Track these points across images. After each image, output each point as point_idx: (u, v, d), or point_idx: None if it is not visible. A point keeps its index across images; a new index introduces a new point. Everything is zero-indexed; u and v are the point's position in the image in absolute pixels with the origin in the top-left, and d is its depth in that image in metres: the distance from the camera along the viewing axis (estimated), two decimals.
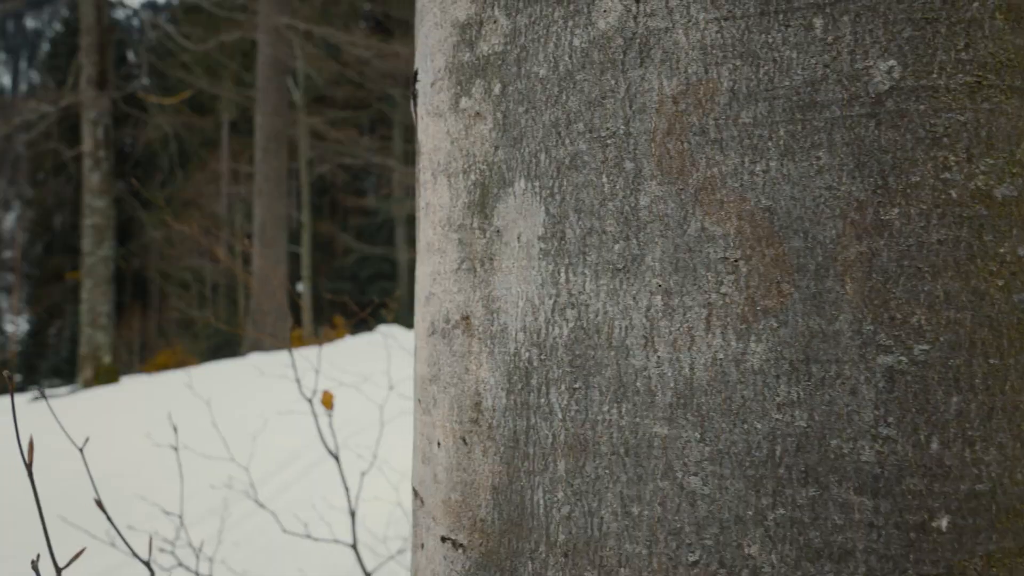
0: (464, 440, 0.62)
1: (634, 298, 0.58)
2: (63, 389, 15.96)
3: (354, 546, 1.95)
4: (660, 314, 0.58)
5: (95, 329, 11.34)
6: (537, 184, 0.61)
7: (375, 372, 5.15)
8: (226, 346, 24.53)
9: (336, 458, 2.00)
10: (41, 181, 27.89)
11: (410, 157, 27.65)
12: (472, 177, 0.64)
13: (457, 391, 0.66)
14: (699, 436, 0.56)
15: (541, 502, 0.59)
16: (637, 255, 0.58)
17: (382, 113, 25.67)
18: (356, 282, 30.08)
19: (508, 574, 0.59)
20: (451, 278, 0.67)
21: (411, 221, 29.55)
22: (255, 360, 12.29)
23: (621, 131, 0.60)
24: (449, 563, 0.65)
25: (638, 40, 0.59)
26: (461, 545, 0.62)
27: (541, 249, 0.61)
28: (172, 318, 29.28)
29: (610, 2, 0.60)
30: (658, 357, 0.58)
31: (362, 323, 23.72)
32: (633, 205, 0.59)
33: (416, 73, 0.75)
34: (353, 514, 2.00)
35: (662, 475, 0.57)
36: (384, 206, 27.56)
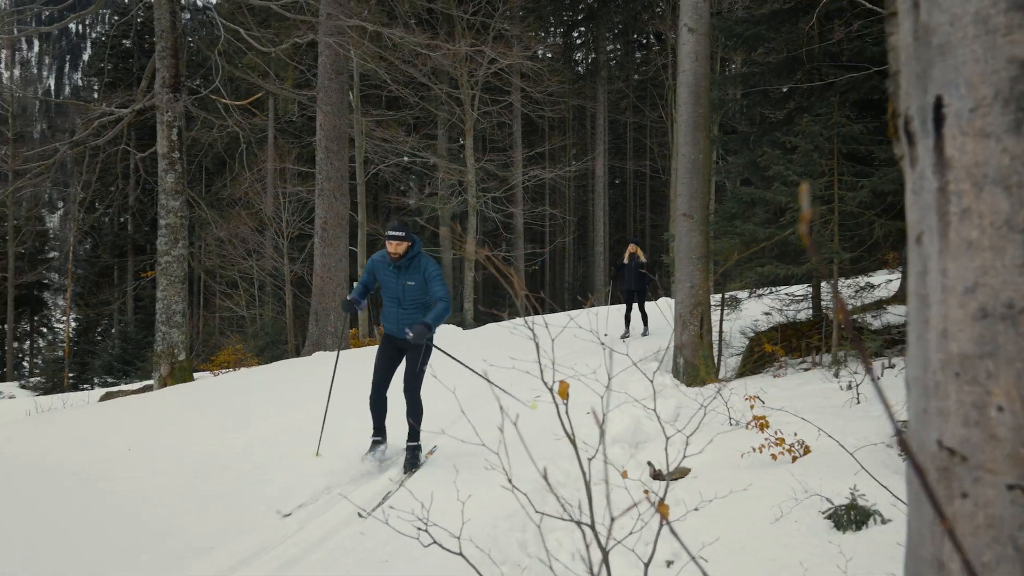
0: None
1: None
2: (134, 386, 16.40)
3: (592, 525, 2.09)
4: None
5: (170, 327, 11.65)
6: None
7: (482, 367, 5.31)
8: (273, 345, 24.99)
9: (574, 444, 2.15)
10: (89, 182, 28.49)
11: (454, 155, 27.90)
12: None
13: (1021, 364, 0.81)
14: None
15: None
16: None
17: (427, 112, 25.93)
18: None
19: None
20: (1015, 272, 0.82)
21: (457, 220, 29.75)
22: (321, 358, 12.58)
23: None
24: (1019, 507, 0.81)
25: None
26: None
27: None
28: (223, 317, 29.75)
29: None
30: None
31: None
32: None
33: (940, 99, 0.89)
34: (590, 496, 2.15)
35: None
36: (428, 204, 27.80)
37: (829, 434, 4.73)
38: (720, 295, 10.41)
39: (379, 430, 6.03)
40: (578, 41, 38.20)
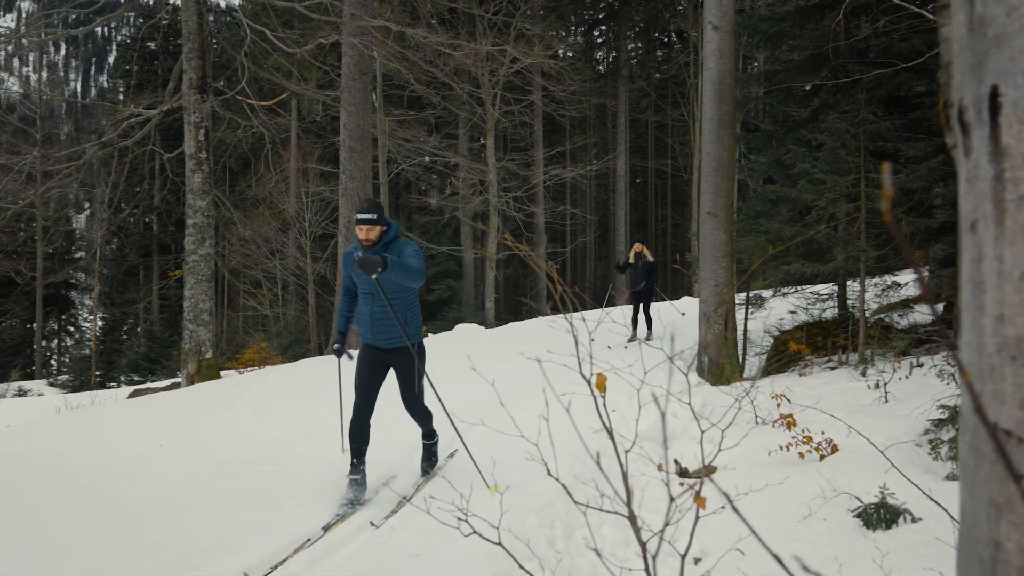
0: None
1: None
2: (162, 383, 16.63)
3: (631, 517, 2.11)
4: None
5: (197, 325, 11.80)
6: None
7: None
8: (296, 344, 25.21)
9: (611, 437, 2.17)
10: (117, 183, 28.88)
11: (475, 154, 27.97)
12: None
13: None
14: None
15: None
16: None
17: (448, 111, 26.03)
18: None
19: None
20: None
21: (477, 219, 29.81)
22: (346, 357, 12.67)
23: None
24: None
25: None
26: None
27: None
28: (247, 316, 30.03)
29: None
30: None
31: (427, 321, 24.07)
32: None
33: (995, 88, 0.91)
34: (628, 487, 2.17)
35: None
36: (450, 204, 27.89)
37: (859, 432, 4.71)
38: (744, 294, 10.37)
39: (357, 467, 5.11)
40: (599, 40, 38.16)
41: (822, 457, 5.83)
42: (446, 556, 3.95)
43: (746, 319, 10.35)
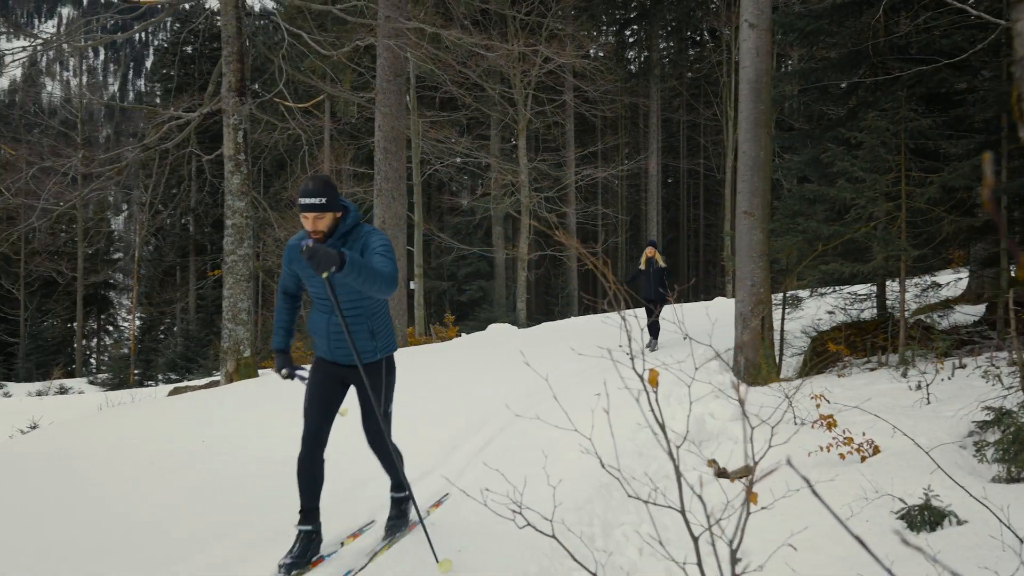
0: None
1: None
2: (200, 381, 16.91)
3: (682, 512, 2.12)
4: None
5: (236, 324, 11.98)
6: None
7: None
8: None
9: (663, 429, 2.18)
10: (158, 184, 29.40)
11: (506, 155, 28.02)
12: None
13: None
14: None
15: None
16: None
17: (480, 112, 26.11)
18: (454, 281, 30.73)
19: None
20: None
21: (509, 220, 29.89)
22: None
23: None
24: None
25: None
26: None
27: None
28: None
29: None
30: None
31: (458, 322, 24.17)
32: None
33: None
34: (680, 483, 2.19)
35: None
36: (481, 204, 27.97)
37: (904, 432, 4.66)
38: (781, 294, 10.28)
39: (309, 514, 3.97)
40: (631, 39, 38.01)
41: (863, 458, 5.77)
42: (489, 553, 3.98)
43: (783, 319, 10.25)
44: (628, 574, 4.00)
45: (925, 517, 4.57)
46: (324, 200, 3.62)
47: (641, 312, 13.17)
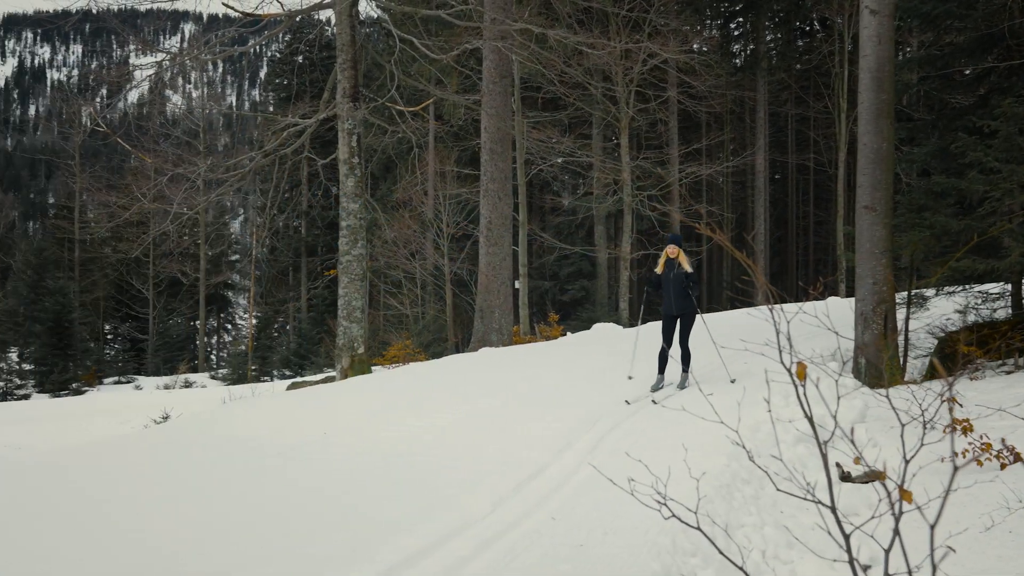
0: None
1: None
2: (316, 377, 17.63)
3: (833, 508, 2.07)
4: None
5: (350, 322, 12.40)
6: None
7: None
8: (436, 342, 26.00)
9: (812, 425, 2.13)
10: (277, 188, 30.80)
11: (609, 153, 27.87)
12: None
13: None
14: None
15: None
16: None
17: (582, 111, 26.05)
18: (556, 280, 30.80)
19: None
20: None
21: (611, 219, 29.72)
22: (488, 354, 12.98)
23: None
24: None
25: None
26: None
27: None
28: (387, 315, 31.24)
29: None
30: None
31: (561, 321, 24.20)
32: None
33: None
34: (829, 479, 2.12)
35: None
36: (584, 204, 27.90)
37: None
38: (906, 292, 9.79)
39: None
40: (736, 32, 37.04)
41: (1003, 466, 5.45)
42: (610, 548, 3.99)
43: (907, 319, 9.77)
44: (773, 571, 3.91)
45: None
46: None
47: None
